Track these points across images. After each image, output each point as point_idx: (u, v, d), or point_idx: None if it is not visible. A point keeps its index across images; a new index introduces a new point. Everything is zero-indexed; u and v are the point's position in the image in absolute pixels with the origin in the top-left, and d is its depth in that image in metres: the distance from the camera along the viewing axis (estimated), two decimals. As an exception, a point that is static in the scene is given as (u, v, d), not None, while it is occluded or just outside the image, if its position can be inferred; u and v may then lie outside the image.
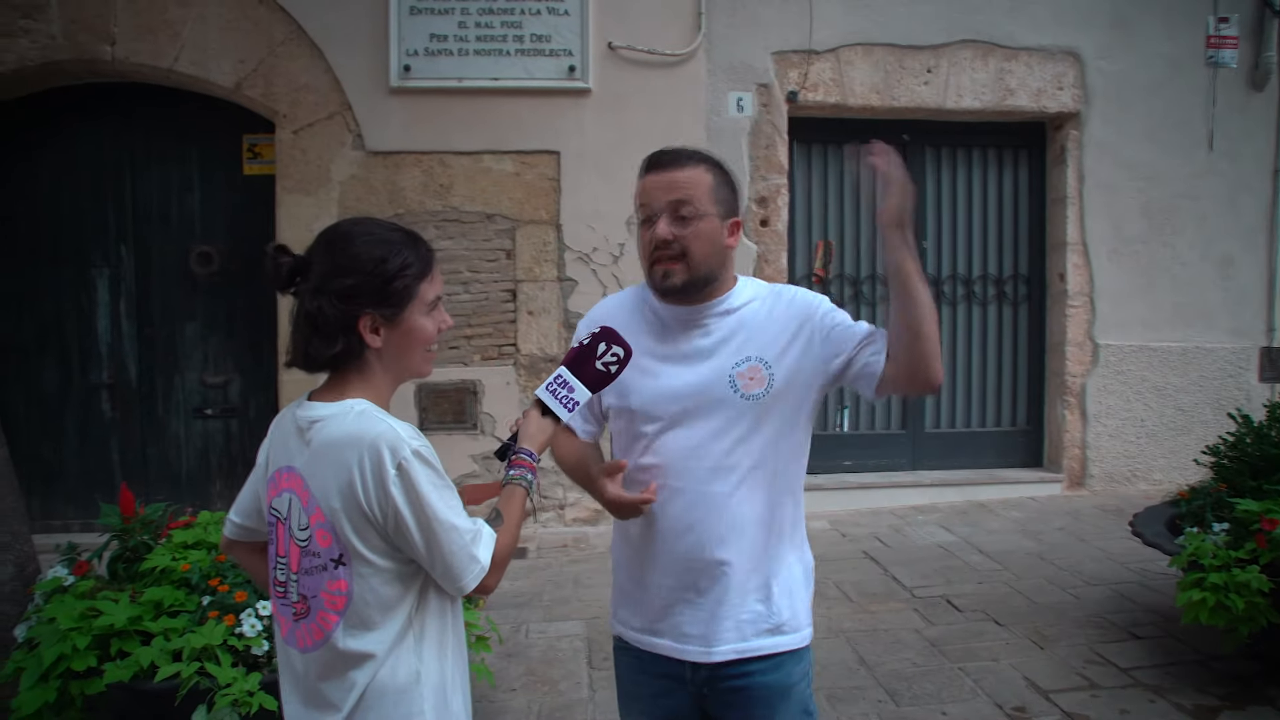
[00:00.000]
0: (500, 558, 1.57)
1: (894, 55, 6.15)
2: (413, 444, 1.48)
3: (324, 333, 1.52)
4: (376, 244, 1.55)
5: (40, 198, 5.85)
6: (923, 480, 6.35)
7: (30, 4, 5.53)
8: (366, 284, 1.52)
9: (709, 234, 1.80)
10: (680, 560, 1.83)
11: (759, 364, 1.81)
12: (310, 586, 1.54)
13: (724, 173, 1.86)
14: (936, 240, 6.53)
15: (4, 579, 3.19)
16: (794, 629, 1.85)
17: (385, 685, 1.52)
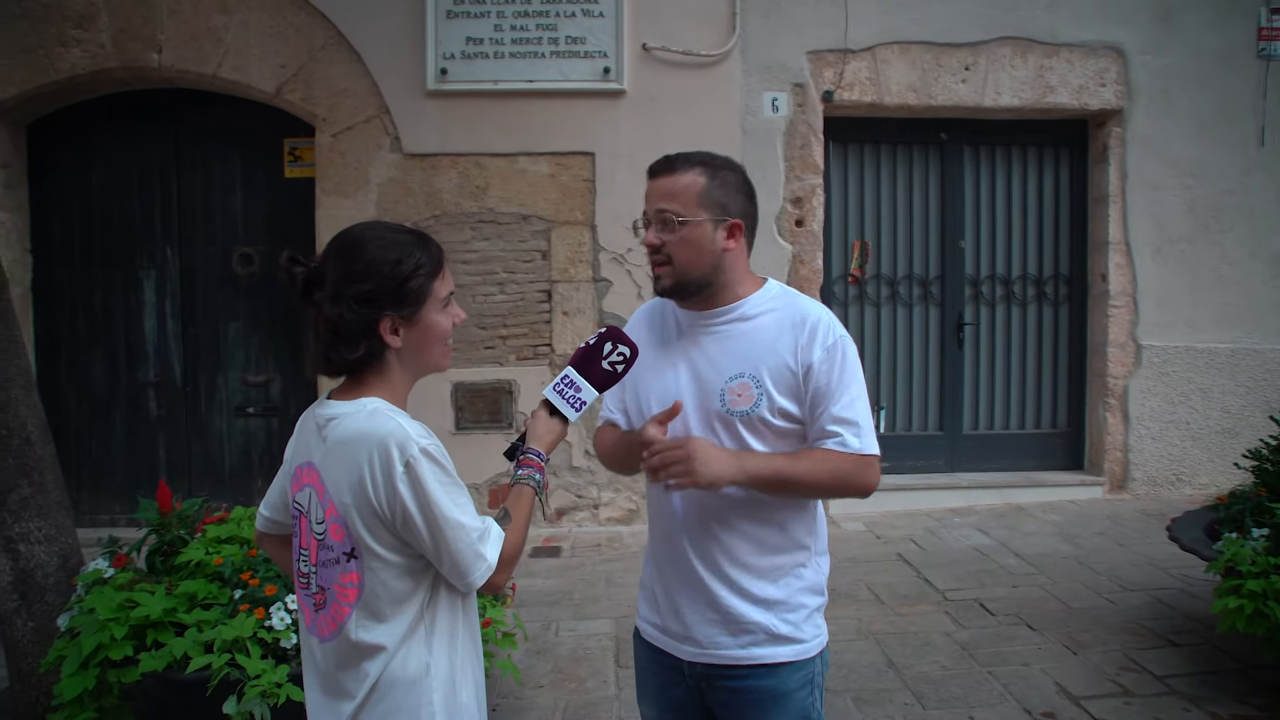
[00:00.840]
0: (508, 556, 1.59)
1: (931, 53, 6.09)
2: (421, 442, 1.51)
3: (346, 338, 1.55)
4: (389, 247, 1.58)
5: (91, 201, 6.04)
6: (960, 482, 6.27)
7: (82, 15, 5.70)
8: (384, 287, 1.55)
9: (695, 239, 1.79)
10: (680, 562, 1.86)
11: (750, 381, 1.78)
12: (327, 578, 1.58)
13: (724, 175, 1.83)
14: (975, 240, 6.45)
15: (49, 570, 3.30)
16: (793, 640, 1.81)
17: (396, 676, 1.55)
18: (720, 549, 1.82)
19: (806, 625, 1.83)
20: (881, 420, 6.44)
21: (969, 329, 6.43)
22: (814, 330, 1.79)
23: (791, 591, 1.82)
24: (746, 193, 1.87)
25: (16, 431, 3.28)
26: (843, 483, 1.76)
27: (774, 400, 1.77)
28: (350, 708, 1.56)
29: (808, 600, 1.84)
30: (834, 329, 1.80)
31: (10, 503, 3.26)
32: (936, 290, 6.43)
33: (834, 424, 1.75)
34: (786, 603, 1.81)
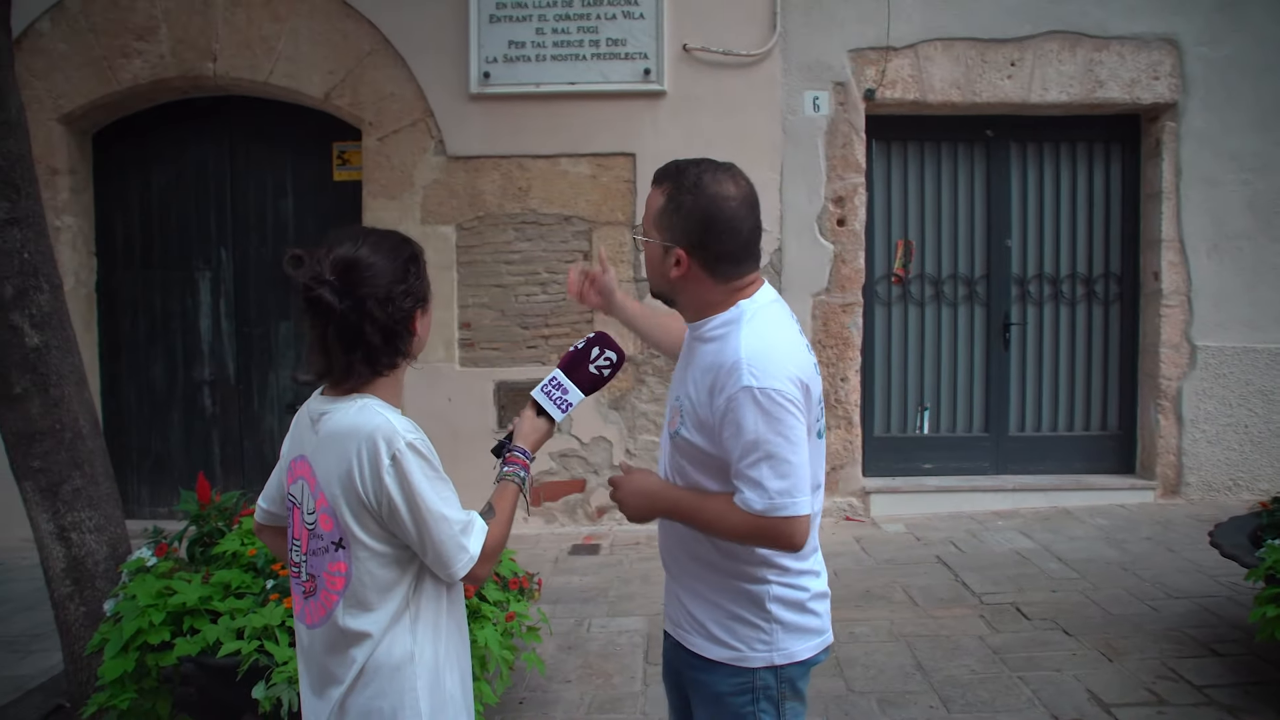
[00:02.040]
0: (490, 549, 1.65)
1: (975, 49, 6.00)
2: (408, 437, 1.58)
3: (397, 335, 1.63)
4: (396, 245, 1.67)
5: (151, 205, 6.28)
6: (1005, 485, 6.17)
7: (143, 27, 5.94)
8: (418, 283, 1.67)
9: (649, 258, 1.79)
10: (662, 544, 1.95)
11: (681, 404, 1.77)
12: (316, 566, 1.65)
13: (682, 199, 1.70)
14: (1022, 238, 6.34)
15: (99, 558, 3.45)
16: (727, 645, 1.78)
17: (381, 662, 1.62)
18: (679, 546, 1.87)
19: (748, 636, 1.77)
20: (925, 421, 6.37)
21: (1015, 329, 6.32)
22: (725, 377, 1.66)
23: (734, 598, 1.77)
24: (707, 221, 1.69)
25: (69, 426, 3.44)
26: (745, 538, 1.69)
27: (689, 430, 1.75)
28: (339, 692, 1.62)
29: (752, 614, 1.76)
30: (737, 380, 1.64)
31: (63, 494, 3.42)
32: (982, 290, 6.33)
33: (736, 479, 1.67)
34: (721, 606, 1.79)
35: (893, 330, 6.38)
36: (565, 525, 6.11)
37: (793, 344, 1.75)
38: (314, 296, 1.57)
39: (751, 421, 1.62)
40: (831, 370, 6.06)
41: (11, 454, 3.42)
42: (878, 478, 6.24)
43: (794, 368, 1.69)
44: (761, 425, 1.62)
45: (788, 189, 6.04)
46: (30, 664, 4.15)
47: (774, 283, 6.02)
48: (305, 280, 1.58)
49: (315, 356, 1.64)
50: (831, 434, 6.08)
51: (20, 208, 3.42)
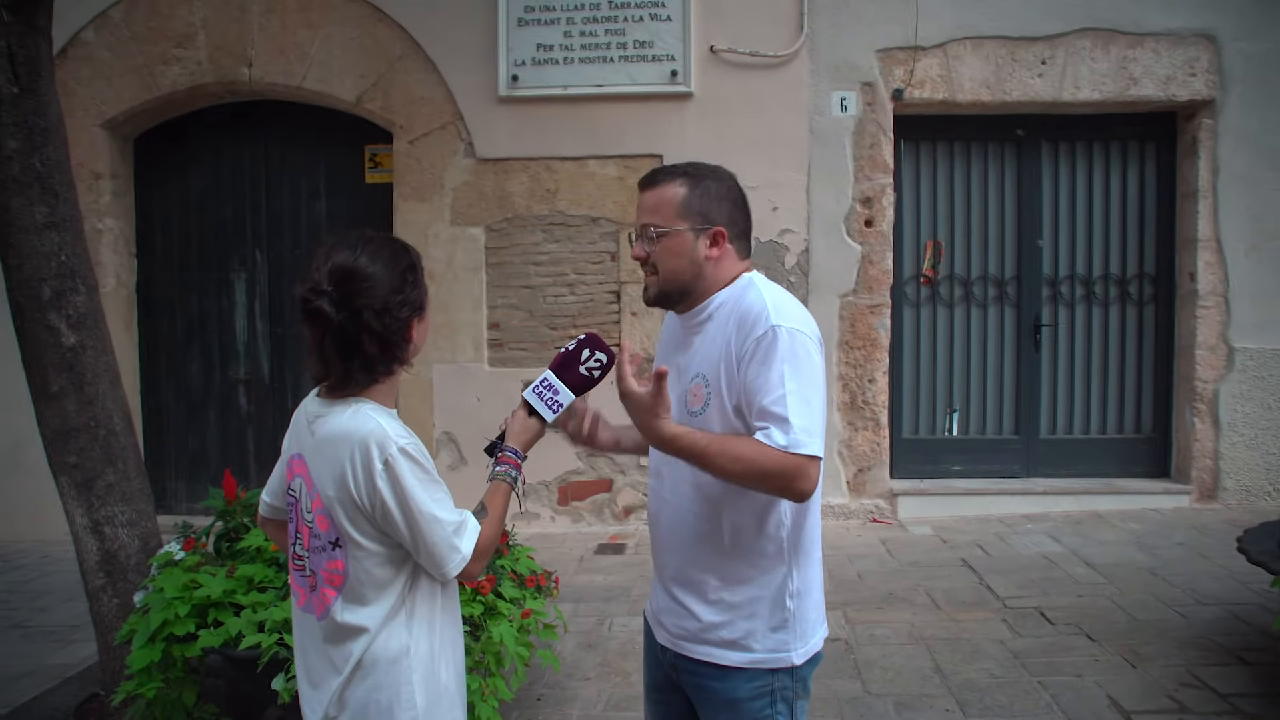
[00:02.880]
0: (482, 548, 1.70)
1: (1006, 48, 5.94)
2: (400, 441, 1.62)
3: (393, 344, 1.67)
4: (394, 255, 1.69)
5: (189, 208, 6.45)
6: (1034, 488, 6.09)
7: (182, 35, 6.09)
8: (414, 292, 1.70)
9: (676, 248, 1.81)
10: (657, 545, 1.95)
11: (701, 381, 1.80)
12: (316, 563, 1.71)
13: (706, 184, 1.83)
14: (1053, 239, 6.26)
15: (131, 552, 3.56)
16: (746, 648, 1.79)
17: (378, 656, 1.67)
18: (683, 542, 1.85)
19: (763, 636, 1.79)
20: (954, 423, 6.32)
21: (1047, 330, 6.24)
22: (751, 321, 1.72)
23: (747, 599, 1.79)
24: (733, 199, 1.86)
25: (103, 423, 3.54)
26: (762, 477, 1.65)
27: (723, 400, 1.76)
28: (337, 683, 1.67)
29: (766, 611, 1.79)
30: (766, 319, 1.70)
31: (97, 489, 3.53)
32: (1012, 291, 6.27)
33: (760, 418, 1.67)
34: (739, 608, 1.79)
35: (921, 331, 6.33)
36: (592, 524, 6.15)
37: (805, 309, 1.83)
38: (312, 308, 1.61)
39: (780, 358, 1.67)
40: (859, 371, 6.04)
41: (49, 450, 3.53)
42: (905, 480, 6.21)
43: (811, 323, 1.79)
44: (788, 363, 1.67)
45: (815, 190, 6.02)
46: (69, 653, 4.29)
47: (801, 284, 6.02)
48: (303, 292, 1.62)
49: (313, 362, 1.69)
50: (858, 435, 6.06)
51: (59, 212, 3.53)
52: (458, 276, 6.16)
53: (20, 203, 3.46)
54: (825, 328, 6.00)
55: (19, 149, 3.46)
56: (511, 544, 3.52)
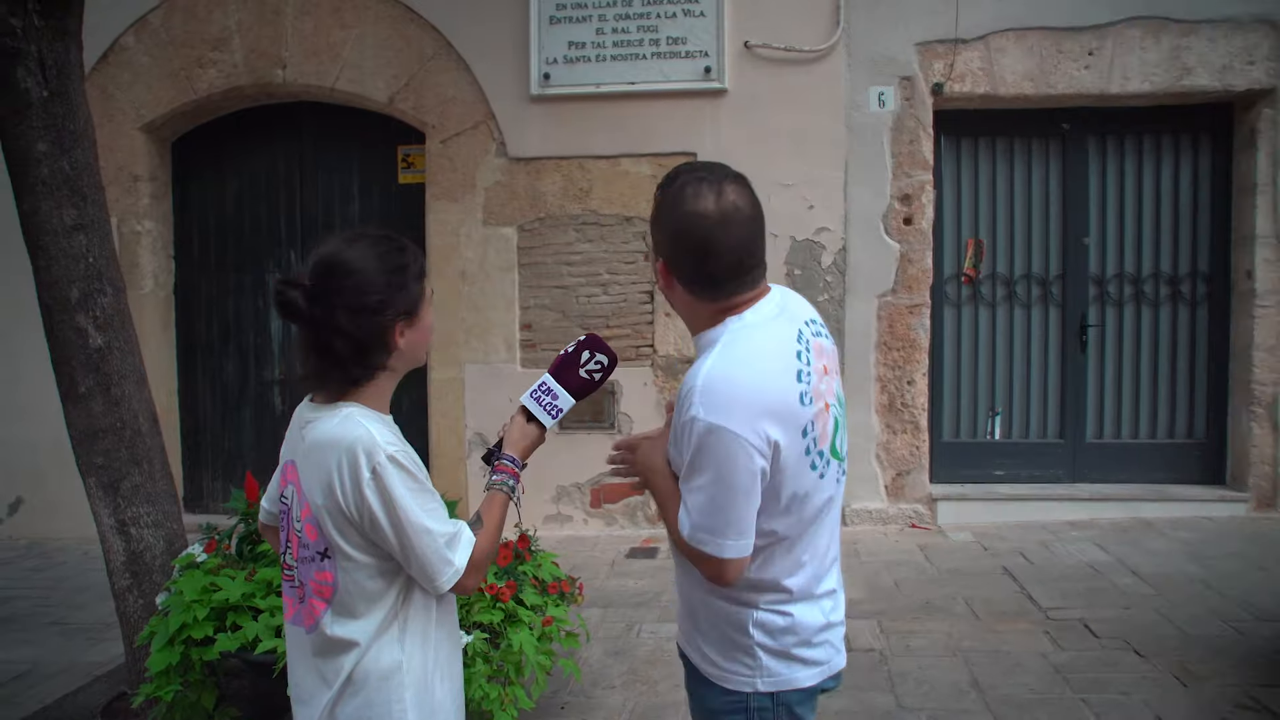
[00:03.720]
0: (478, 560, 1.62)
1: (1050, 39, 5.75)
2: (389, 449, 1.55)
3: (370, 348, 1.59)
4: (385, 254, 1.60)
5: (225, 210, 6.50)
6: (1080, 494, 5.89)
7: (218, 38, 6.14)
8: (392, 295, 1.59)
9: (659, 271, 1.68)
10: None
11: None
12: (305, 574, 1.65)
13: (661, 209, 1.62)
14: (1100, 236, 6.04)
15: (156, 553, 3.56)
16: (712, 663, 1.72)
17: (369, 671, 1.61)
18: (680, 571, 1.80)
19: (732, 659, 1.70)
20: (997, 426, 6.14)
21: (1093, 331, 6.03)
22: (682, 402, 1.58)
23: (717, 617, 1.70)
24: (674, 237, 1.60)
25: (129, 424, 3.55)
26: (687, 553, 1.62)
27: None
28: (327, 698, 1.61)
29: (736, 635, 1.69)
30: (689, 406, 1.54)
31: (123, 489, 3.54)
32: (1057, 290, 6.07)
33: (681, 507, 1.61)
34: (713, 626, 1.72)
35: (963, 332, 6.16)
36: (624, 528, 6.08)
37: (766, 374, 1.58)
38: (283, 299, 1.55)
39: (692, 452, 1.54)
40: (897, 373, 5.89)
41: (77, 450, 3.55)
42: (946, 484, 6.04)
43: (759, 403, 1.55)
44: (700, 458, 1.54)
45: (852, 187, 5.89)
46: (101, 651, 4.32)
47: (838, 283, 5.88)
48: (277, 283, 1.56)
49: (298, 357, 1.64)
50: (897, 438, 5.91)
51: (86, 214, 3.54)
52: (490, 276, 6.13)
53: (49, 205, 3.48)
54: (863, 328, 5.88)
55: (48, 152, 3.48)
56: (534, 549, 3.45)
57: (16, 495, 6.39)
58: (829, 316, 5.90)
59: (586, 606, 4.50)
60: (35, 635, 4.61)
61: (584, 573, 5.15)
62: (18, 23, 3.44)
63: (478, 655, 2.96)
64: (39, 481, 6.15)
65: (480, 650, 2.96)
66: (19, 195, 3.51)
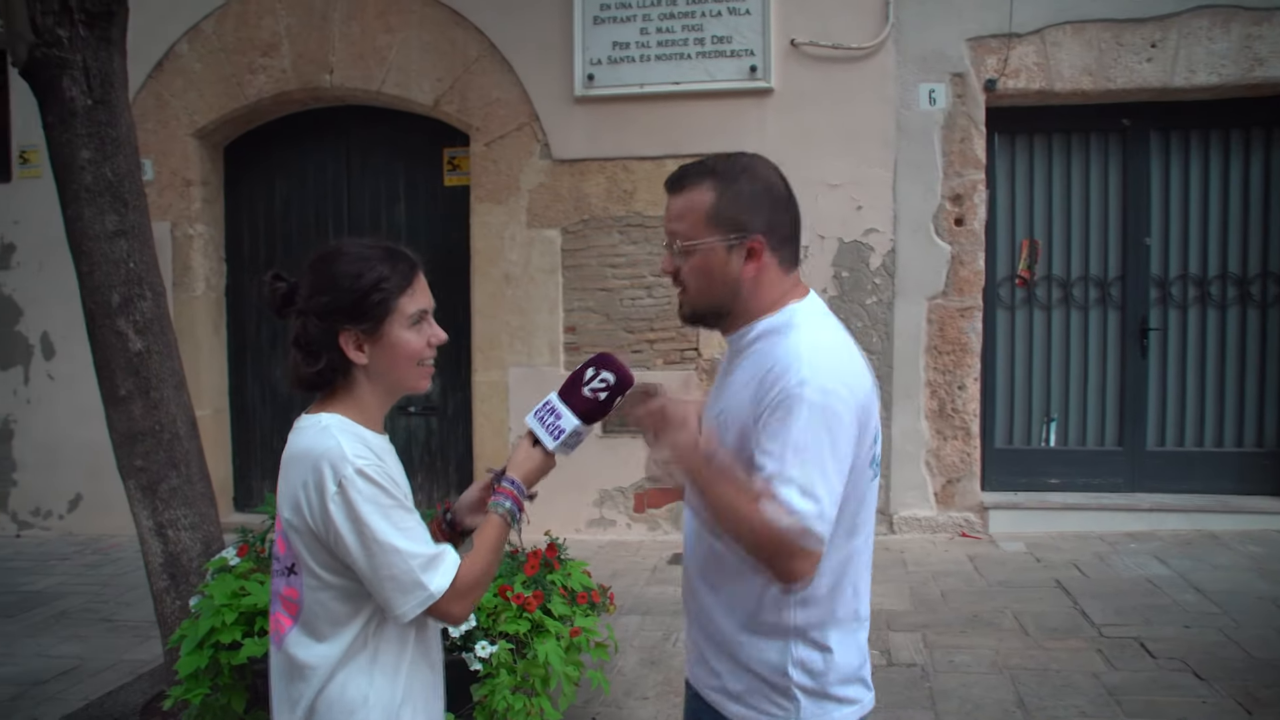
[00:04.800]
0: (464, 584, 1.52)
1: (1110, 31, 5.53)
2: (357, 463, 1.47)
3: (308, 350, 1.55)
4: (353, 261, 1.56)
5: (274, 213, 6.60)
6: (1140, 504, 5.66)
7: (268, 44, 6.23)
8: (341, 300, 1.53)
9: (704, 266, 1.59)
10: (685, 594, 1.79)
11: (724, 417, 1.60)
12: (276, 586, 1.60)
13: (739, 185, 1.58)
14: (1163, 236, 5.80)
15: (193, 555, 3.61)
16: (745, 704, 1.61)
17: (332, 701, 1.53)
18: (701, 597, 1.68)
19: (758, 696, 1.60)
20: (1052, 433, 5.93)
21: (1155, 334, 5.79)
22: (772, 377, 1.49)
23: (751, 661, 1.60)
24: (773, 200, 1.60)
25: (168, 427, 3.60)
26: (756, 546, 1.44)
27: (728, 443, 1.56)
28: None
29: (773, 676, 1.59)
30: (793, 374, 1.47)
31: (161, 491, 3.59)
32: (1116, 292, 5.84)
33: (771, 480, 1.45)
34: (735, 671, 1.62)
35: (1016, 335, 5.96)
36: (668, 533, 6.02)
37: (854, 358, 1.57)
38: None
39: (800, 423, 1.43)
40: (948, 377, 5.73)
41: (117, 453, 3.61)
42: (998, 492, 5.86)
43: (855, 381, 1.52)
44: (808, 430, 1.43)
45: (901, 187, 5.74)
46: (146, 649, 4.39)
47: (886, 285, 5.74)
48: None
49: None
50: (947, 444, 5.75)
51: (127, 220, 3.60)
52: (534, 279, 6.12)
53: (92, 211, 3.54)
54: (912, 331, 5.73)
55: (91, 159, 3.54)
56: (563, 558, 3.41)
57: (76, 492, 6.58)
58: (877, 320, 5.77)
59: (625, 613, 4.46)
60: (85, 631, 4.72)
61: (625, 579, 5.11)
62: (64, 33, 3.51)
63: (502, 666, 2.92)
64: (97, 479, 6.29)
65: (505, 661, 2.93)
66: (64, 202, 3.58)
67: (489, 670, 2.93)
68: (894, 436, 5.76)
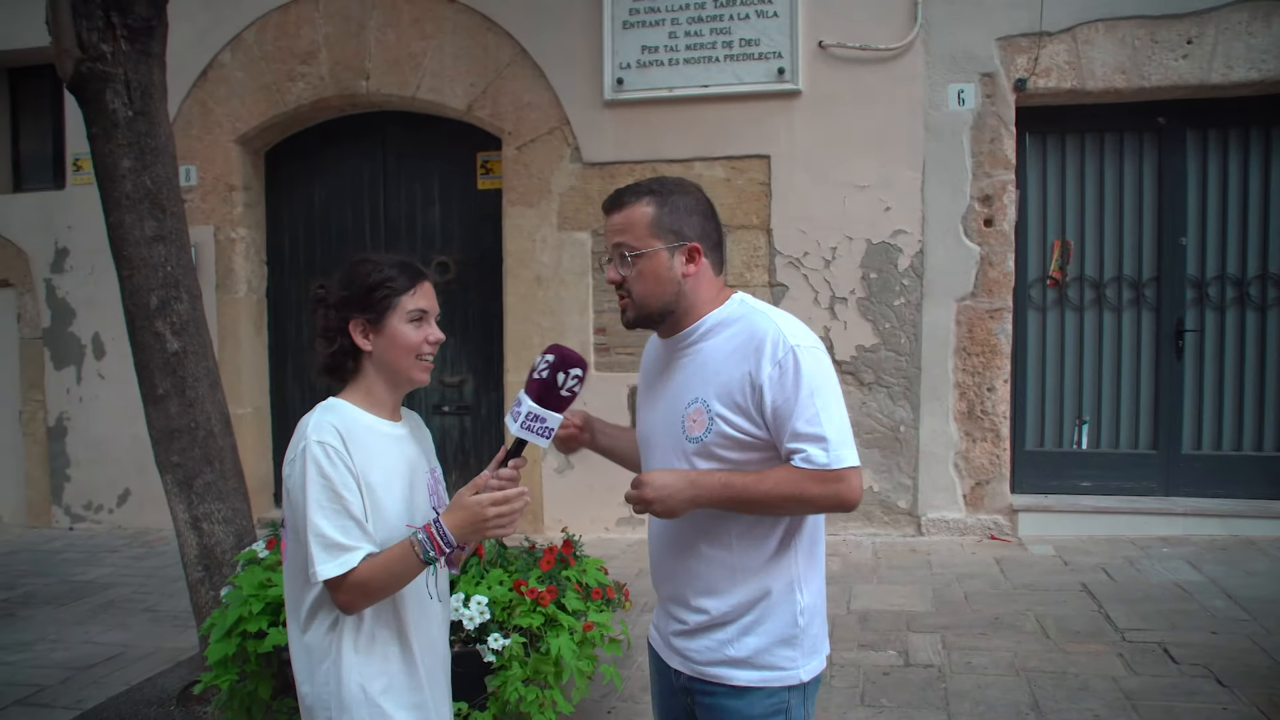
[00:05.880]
0: (353, 582, 1.65)
1: (1144, 28, 5.46)
2: (317, 436, 1.67)
3: (325, 336, 1.81)
4: (369, 265, 1.81)
5: (314, 216, 6.78)
6: (1174, 508, 5.57)
7: (306, 52, 6.40)
8: (354, 293, 1.78)
9: (651, 270, 1.78)
10: (659, 578, 1.94)
11: (701, 406, 1.77)
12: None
13: (674, 200, 1.80)
14: (1199, 236, 5.70)
15: (226, 547, 3.75)
16: (756, 666, 1.77)
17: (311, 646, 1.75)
18: (685, 564, 1.83)
19: (770, 653, 1.77)
20: (1084, 435, 5.87)
21: (1191, 336, 5.70)
22: (761, 347, 1.72)
23: (755, 616, 1.78)
24: (703, 212, 1.83)
25: (203, 424, 3.75)
26: (808, 500, 1.69)
27: (721, 424, 1.74)
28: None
29: (787, 629, 1.78)
30: (783, 342, 1.71)
31: (196, 486, 3.73)
32: (1151, 293, 5.76)
33: (796, 441, 1.69)
34: (746, 626, 1.78)
35: (1048, 337, 5.91)
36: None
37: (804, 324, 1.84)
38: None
39: (809, 379, 1.69)
40: (977, 379, 5.70)
41: (155, 449, 3.76)
42: (1027, 495, 5.81)
43: (817, 339, 1.80)
44: (818, 382, 1.70)
45: (929, 188, 5.72)
46: (186, 638, 4.55)
47: (915, 287, 5.73)
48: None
49: None
50: (976, 446, 5.72)
51: (166, 226, 3.76)
52: (564, 281, 6.21)
53: (132, 218, 3.70)
54: (940, 332, 5.71)
55: (132, 167, 3.70)
56: (579, 554, 3.48)
57: (125, 487, 6.82)
58: (905, 321, 5.76)
59: (645, 610, 4.51)
60: (129, 620, 4.91)
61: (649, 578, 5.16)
62: (108, 48, 3.67)
63: (514, 658, 3.00)
64: (144, 475, 6.50)
65: (517, 654, 3.01)
66: (107, 209, 3.75)
67: (501, 662, 3.01)
68: (922, 438, 5.75)
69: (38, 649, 4.52)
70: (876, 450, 5.79)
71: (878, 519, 5.83)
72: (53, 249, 6.91)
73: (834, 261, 5.87)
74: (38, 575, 5.80)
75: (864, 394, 5.80)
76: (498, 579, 3.22)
